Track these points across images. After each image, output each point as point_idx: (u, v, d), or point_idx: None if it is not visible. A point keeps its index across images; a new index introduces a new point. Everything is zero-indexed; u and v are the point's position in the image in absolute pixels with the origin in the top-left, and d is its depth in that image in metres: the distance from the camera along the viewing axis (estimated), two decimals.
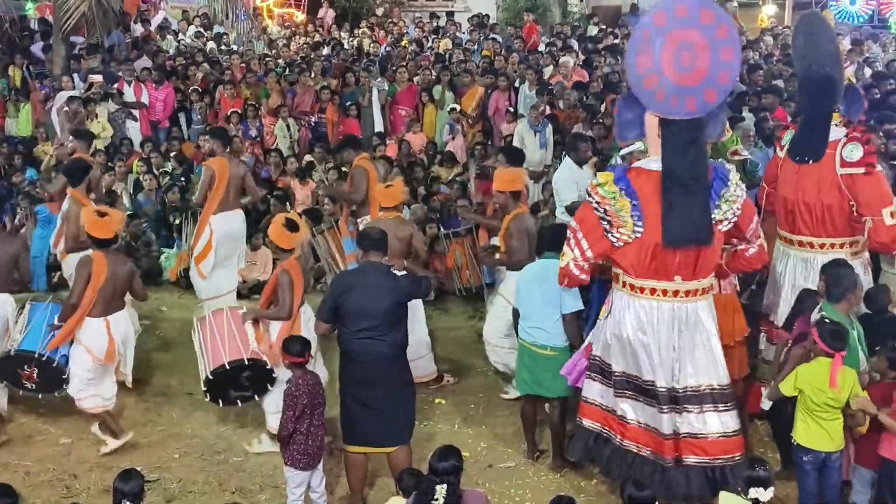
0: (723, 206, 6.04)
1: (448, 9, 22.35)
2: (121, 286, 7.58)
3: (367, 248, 6.66)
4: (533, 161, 11.97)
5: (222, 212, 9.25)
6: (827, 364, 5.91)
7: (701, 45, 5.81)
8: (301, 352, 6.31)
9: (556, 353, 7.00)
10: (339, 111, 14.03)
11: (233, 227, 9.45)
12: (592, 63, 15.42)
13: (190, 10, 19.95)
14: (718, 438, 6.21)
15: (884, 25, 21.20)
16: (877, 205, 6.84)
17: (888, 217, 6.83)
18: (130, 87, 14.00)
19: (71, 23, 13.61)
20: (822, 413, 6.00)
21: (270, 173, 12.60)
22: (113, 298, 7.51)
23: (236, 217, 9.48)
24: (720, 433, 6.21)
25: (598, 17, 20.94)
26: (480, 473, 7.20)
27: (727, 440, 6.22)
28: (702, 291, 6.25)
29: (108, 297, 7.45)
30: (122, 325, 7.61)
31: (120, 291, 7.59)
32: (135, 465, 6.56)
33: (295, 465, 6.35)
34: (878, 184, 6.93)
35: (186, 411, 8.12)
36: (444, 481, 5.21)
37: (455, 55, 16.06)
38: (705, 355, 6.24)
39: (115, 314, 7.53)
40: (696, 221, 6.00)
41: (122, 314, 7.63)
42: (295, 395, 6.21)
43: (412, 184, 12.11)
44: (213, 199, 9.21)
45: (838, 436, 6.07)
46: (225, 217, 9.29)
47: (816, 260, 7.13)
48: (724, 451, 6.20)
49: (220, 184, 9.17)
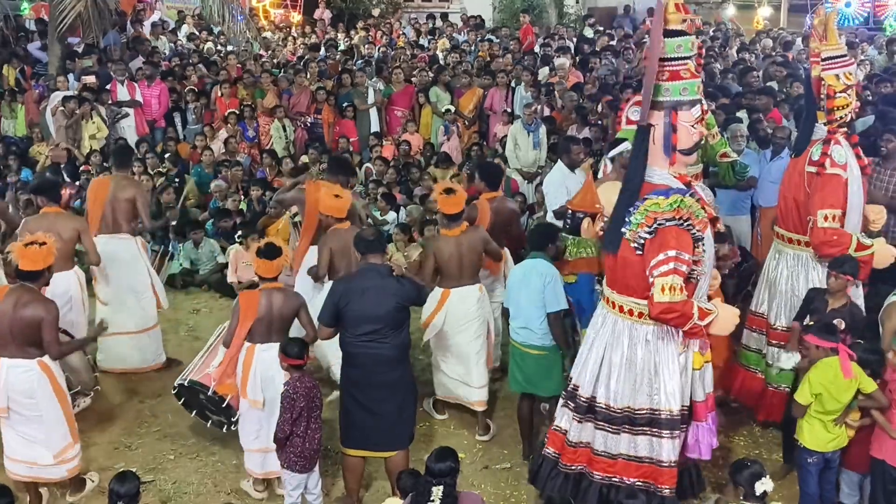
0: (631, 221, 5.65)
1: (444, 10, 22.38)
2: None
3: (364, 251, 6.62)
4: (526, 162, 12.02)
5: (102, 235, 8.45)
6: (834, 361, 5.91)
7: (654, 51, 5.69)
8: (299, 354, 6.25)
9: (545, 353, 7.00)
10: (335, 112, 14.05)
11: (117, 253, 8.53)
12: (588, 64, 15.44)
13: (185, 11, 19.96)
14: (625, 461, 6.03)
15: (879, 27, 21.24)
16: (816, 205, 6.93)
17: (821, 219, 6.90)
18: (124, 86, 13.99)
19: (66, 23, 13.60)
20: (832, 416, 6.02)
21: (266, 174, 12.59)
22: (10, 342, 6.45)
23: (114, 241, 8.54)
24: (630, 456, 5.99)
25: (594, 18, 20.96)
26: (476, 474, 7.20)
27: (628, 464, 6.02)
28: (620, 309, 5.91)
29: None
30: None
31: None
32: (129, 467, 6.60)
33: (291, 468, 6.34)
34: (824, 186, 6.97)
35: (181, 412, 8.06)
36: (440, 482, 5.21)
37: (451, 57, 16.08)
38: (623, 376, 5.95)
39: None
40: (610, 225, 5.87)
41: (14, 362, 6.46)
42: (292, 398, 6.18)
43: (408, 185, 12.15)
44: (92, 221, 8.47)
45: (842, 435, 6.11)
46: (102, 241, 8.38)
47: (803, 256, 7.27)
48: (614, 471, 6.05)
49: (94, 204, 8.53)
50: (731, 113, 10.77)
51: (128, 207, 8.49)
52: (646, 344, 5.85)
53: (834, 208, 6.90)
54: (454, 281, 7.56)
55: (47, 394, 6.54)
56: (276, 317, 6.56)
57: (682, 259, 5.50)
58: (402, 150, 13.05)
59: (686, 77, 5.71)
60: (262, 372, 6.55)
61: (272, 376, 6.52)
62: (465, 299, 7.58)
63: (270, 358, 6.50)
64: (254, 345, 6.60)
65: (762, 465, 5.35)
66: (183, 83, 15.02)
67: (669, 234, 5.53)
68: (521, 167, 12.03)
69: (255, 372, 6.55)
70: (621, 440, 5.99)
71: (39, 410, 6.52)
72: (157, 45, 17.30)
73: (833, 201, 6.91)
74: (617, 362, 5.94)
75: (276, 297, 6.59)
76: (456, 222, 7.55)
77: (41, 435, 6.57)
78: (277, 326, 6.58)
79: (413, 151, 13.14)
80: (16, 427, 6.58)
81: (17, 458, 6.65)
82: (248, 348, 6.60)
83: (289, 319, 6.64)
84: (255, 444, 6.76)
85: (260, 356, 6.57)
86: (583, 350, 6.24)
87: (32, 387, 6.47)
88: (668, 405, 5.83)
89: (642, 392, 5.89)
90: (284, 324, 6.61)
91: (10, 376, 6.43)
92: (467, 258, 7.54)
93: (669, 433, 5.86)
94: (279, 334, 6.57)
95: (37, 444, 6.58)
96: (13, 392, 6.45)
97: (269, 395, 6.54)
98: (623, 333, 5.92)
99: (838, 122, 7.02)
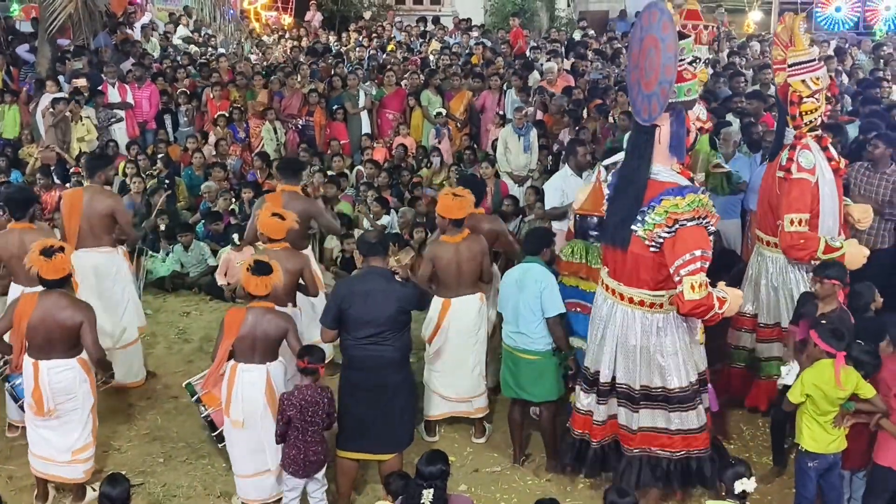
0: (646, 221, 5.93)
1: (435, 13, 22.40)
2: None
3: (366, 254, 6.59)
4: (517, 165, 12.04)
5: (81, 249, 7.99)
6: (830, 365, 5.92)
7: (658, 54, 5.74)
8: (320, 358, 6.23)
9: (538, 358, 6.98)
10: (327, 115, 14.04)
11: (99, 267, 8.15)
12: (579, 69, 15.47)
13: (176, 13, 19.93)
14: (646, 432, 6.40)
15: (869, 32, 21.32)
16: (784, 209, 7.08)
17: (787, 224, 7.06)
18: (115, 88, 13.95)
19: (56, 24, 13.55)
20: (829, 417, 6.03)
21: (256, 176, 12.57)
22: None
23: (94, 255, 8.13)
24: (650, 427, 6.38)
25: (585, 22, 21.00)
26: (466, 478, 7.20)
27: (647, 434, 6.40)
28: (630, 300, 6.22)
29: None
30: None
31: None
32: (119, 470, 6.57)
33: (285, 469, 6.33)
34: (791, 190, 7.10)
35: (171, 415, 8.08)
36: (431, 485, 5.24)
37: (442, 60, 16.09)
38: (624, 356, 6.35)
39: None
40: (614, 221, 6.18)
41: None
42: (283, 406, 6.17)
43: (399, 188, 12.14)
44: (69, 236, 8.02)
45: (841, 436, 6.11)
46: (82, 255, 7.92)
47: (780, 259, 7.38)
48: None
49: (70, 219, 8.08)
50: (721, 117, 10.79)
51: (105, 220, 8.04)
52: (657, 331, 6.19)
53: (800, 212, 7.04)
54: (452, 290, 7.36)
55: (86, 390, 6.61)
56: (260, 337, 6.30)
57: (706, 257, 5.85)
58: (397, 153, 13.04)
59: (689, 78, 5.85)
60: (242, 392, 6.34)
61: (254, 397, 6.33)
62: (467, 309, 7.43)
63: (252, 379, 6.32)
64: (237, 363, 6.39)
65: (749, 467, 5.37)
66: (174, 85, 15.00)
67: (692, 235, 5.85)
68: (511, 170, 12.05)
69: (238, 392, 6.34)
70: (643, 415, 6.35)
71: (77, 406, 6.58)
72: (147, 47, 17.27)
73: (800, 206, 7.04)
74: (632, 347, 6.27)
75: (263, 316, 6.33)
76: (459, 228, 7.38)
77: (73, 430, 6.61)
78: (262, 347, 6.33)
79: (407, 154, 13.13)
80: (46, 423, 6.59)
81: (38, 454, 6.70)
82: (231, 366, 6.40)
83: (275, 341, 6.38)
84: (246, 469, 6.55)
85: (242, 376, 6.34)
86: (594, 338, 6.53)
87: (74, 384, 6.52)
88: (680, 383, 6.22)
89: (655, 373, 6.25)
90: (270, 345, 6.36)
91: (51, 377, 6.45)
92: (466, 266, 7.35)
93: (691, 404, 6.27)
94: (265, 355, 6.35)
95: (61, 439, 6.61)
96: (55, 392, 6.48)
97: (248, 417, 6.34)
98: (634, 322, 6.23)
99: (808, 126, 7.11)
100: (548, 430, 7.21)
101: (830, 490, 6.28)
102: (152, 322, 9.84)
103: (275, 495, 6.58)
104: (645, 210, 5.92)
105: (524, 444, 7.43)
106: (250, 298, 6.38)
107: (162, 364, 9.02)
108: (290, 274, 7.14)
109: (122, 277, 8.33)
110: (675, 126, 5.98)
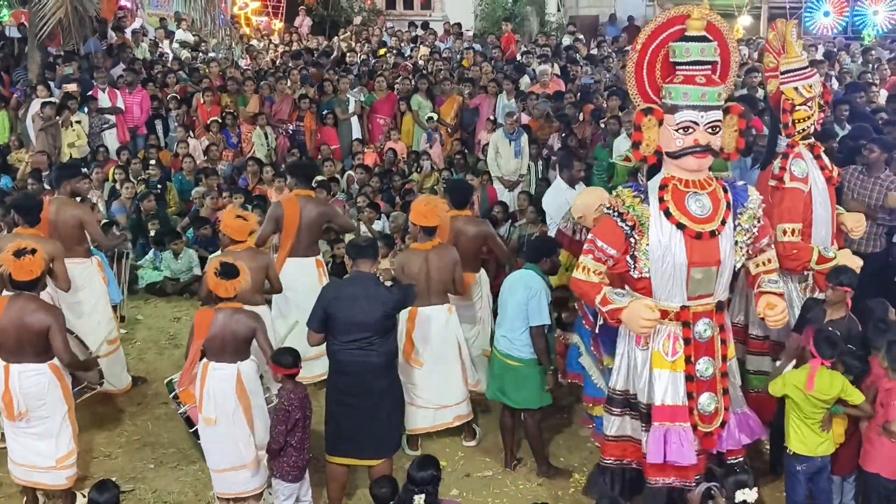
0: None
1: (425, 18, 22.42)
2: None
3: (354, 257, 6.59)
4: (507, 170, 12.06)
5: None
6: None
7: None
8: (293, 363, 6.24)
9: (521, 365, 6.97)
10: (317, 120, 14.04)
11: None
12: (569, 73, 15.49)
13: (168, 18, 19.90)
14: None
15: (857, 37, 21.41)
16: (776, 219, 6.97)
17: (780, 234, 6.98)
18: (105, 93, 13.92)
19: (47, 29, 13.51)
20: (816, 419, 6.04)
21: (248, 181, 12.56)
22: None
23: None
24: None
25: (575, 26, 21.06)
26: (458, 483, 7.19)
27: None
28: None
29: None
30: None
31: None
32: (110, 476, 6.56)
33: (284, 478, 6.33)
34: (783, 200, 7.02)
35: (161, 420, 8.06)
36: (422, 491, 5.22)
37: (433, 65, 16.10)
38: None
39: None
40: None
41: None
42: (288, 410, 6.17)
43: (390, 192, 12.15)
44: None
45: (829, 439, 6.13)
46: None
47: None
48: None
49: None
50: None
51: (74, 230, 7.95)
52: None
53: (793, 222, 6.97)
54: (421, 299, 7.20)
55: (57, 396, 6.53)
56: (229, 336, 6.35)
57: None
58: (388, 158, 13.05)
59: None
60: (213, 390, 6.38)
61: (225, 395, 6.35)
62: (435, 319, 7.39)
63: (222, 377, 6.36)
64: (209, 362, 6.42)
65: (752, 475, 5.34)
66: (164, 90, 14.98)
67: None
68: (502, 175, 12.07)
69: (209, 390, 6.38)
70: None
71: (48, 412, 6.50)
72: (137, 52, 17.24)
73: (792, 216, 6.97)
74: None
75: (232, 316, 6.37)
76: (430, 235, 7.38)
77: (48, 438, 6.54)
78: (232, 346, 6.37)
79: (397, 159, 13.13)
80: (23, 430, 6.54)
81: (18, 462, 6.63)
82: (203, 365, 6.44)
83: (244, 340, 6.42)
84: (220, 463, 6.53)
85: (213, 374, 6.39)
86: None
87: (43, 389, 6.44)
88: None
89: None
90: (239, 344, 6.41)
91: (21, 381, 6.40)
92: (436, 275, 7.29)
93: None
94: (234, 355, 6.39)
95: (41, 445, 6.54)
96: (26, 396, 6.43)
97: (220, 414, 6.39)
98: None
99: (801, 134, 7.09)
100: (534, 435, 7.20)
101: (820, 494, 6.29)
102: (143, 327, 9.84)
103: (249, 490, 6.54)
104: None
105: (515, 449, 7.43)
106: (217, 300, 6.43)
107: (153, 370, 8.99)
108: (256, 272, 7.23)
109: (95, 289, 8.26)
110: None
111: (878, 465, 5.97)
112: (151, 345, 9.61)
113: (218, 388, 6.36)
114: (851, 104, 11.66)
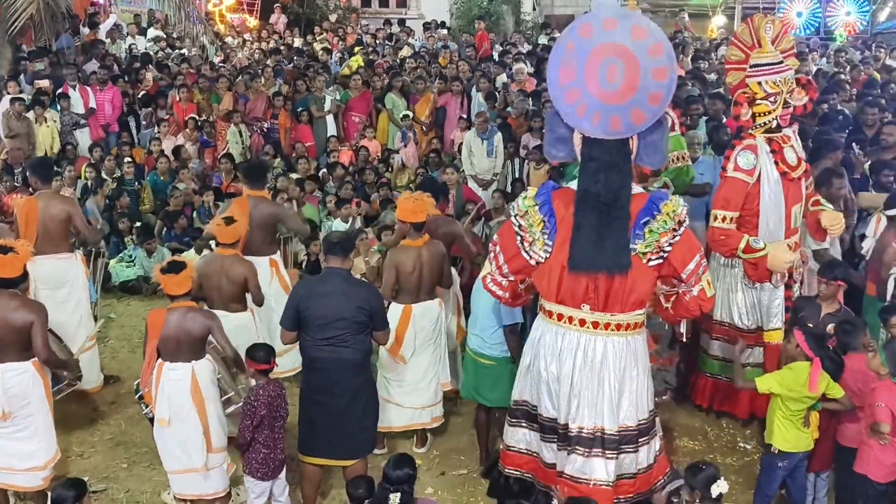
0: (646, 237, 5.38)
1: (401, 16, 22.40)
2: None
3: (326, 253, 6.54)
4: (481, 169, 12.08)
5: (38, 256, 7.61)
6: (806, 368, 5.96)
7: (630, 62, 5.16)
8: (266, 358, 6.20)
9: (493, 363, 6.96)
10: (292, 117, 13.99)
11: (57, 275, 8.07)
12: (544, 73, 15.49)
13: (142, 14, 19.77)
14: (599, 486, 5.59)
15: (830, 38, 21.58)
16: (712, 205, 7.33)
17: (713, 219, 7.26)
18: (76, 90, 13.81)
19: (18, 25, 13.39)
20: (800, 415, 6.07)
21: (222, 179, 12.50)
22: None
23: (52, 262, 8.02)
24: (603, 481, 5.60)
25: (551, 25, 21.09)
26: (433, 481, 7.19)
27: (606, 489, 5.61)
28: (618, 327, 5.56)
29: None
30: None
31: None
32: (82, 475, 6.51)
33: (254, 475, 6.29)
34: (722, 187, 7.33)
35: (134, 420, 7.99)
36: (398, 489, 5.21)
37: (408, 63, 16.08)
38: (606, 398, 5.59)
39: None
40: (607, 247, 5.36)
41: None
42: (254, 406, 6.13)
43: (364, 189, 12.12)
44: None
45: (810, 435, 6.17)
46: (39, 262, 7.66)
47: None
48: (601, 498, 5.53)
49: (27, 227, 7.91)
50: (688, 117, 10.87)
51: (63, 225, 7.98)
52: (644, 355, 5.73)
53: (727, 210, 7.19)
54: (413, 296, 7.29)
55: (40, 395, 6.46)
56: (183, 336, 6.25)
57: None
58: (361, 156, 13.02)
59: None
60: (168, 391, 6.26)
61: (179, 396, 6.25)
62: (429, 315, 7.40)
63: (177, 377, 6.26)
64: (164, 363, 6.32)
65: (717, 467, 5.37)
66: (137, 87, 14.87)
67: (689, 234, 5.48)
68: (476, 174, 12.08)
69: (163, 390, 6.27)
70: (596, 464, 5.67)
71: (32, 411, 6.42)
72: (113, 48, 17.11)
73: (726, 203, 7.20)
74: (623, 385, 5.64)
75: (185, 315, 6.28)
76: (419, 232, 7.34)
77: (34, 439, 6.46)
78: (187, 346, 6.27)
79: (371, 157, 13.11)
80: (3, 432, 6.42)
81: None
82: (158, 365, 6.34)
83: (199, 339, 6.33)
84: (172, 465, 6.44)
85: (167, 375, 6.28)
86: (566, 391, 5.67)
87: (28, 388, 6.37)
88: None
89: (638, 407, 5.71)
90: (194, 343, 6.30)
91: (6, 380, 6.32)
92: (428, 271, 7.31)
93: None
94: (190, 354, 6.29)
95: (23, 447, 6.44)
96: (10, 396, 6.34)
97: (173, 415, 6.25)
98: (622, 351, 5.61)
99: (762, 128, 7.19)
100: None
101: (798, 490, 6.34)
102: (116, 326, 9.77)
103: (207, 493, 6.48)
104: (641, 224, 5.38)
105: (490, 448, 7.43)
106: (172, 299, 6.38)
107: (126, 368, 8.92)
108: (232, 283, 7.26)
109: (79, 284, 8.23)
110: (651, 134, 5.42)
111: (868, 467, 5.93)
112: (125, 343, 9.55)
113: (172, 389, 6.28)
114: (827, 103, 11.76)
